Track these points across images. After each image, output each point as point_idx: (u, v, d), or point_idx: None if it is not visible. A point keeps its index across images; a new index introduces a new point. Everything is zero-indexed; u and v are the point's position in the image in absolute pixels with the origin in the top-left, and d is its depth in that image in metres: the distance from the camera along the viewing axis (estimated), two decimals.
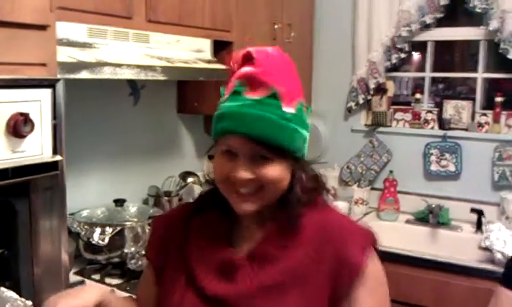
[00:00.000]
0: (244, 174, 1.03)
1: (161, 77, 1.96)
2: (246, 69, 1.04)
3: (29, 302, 1.18)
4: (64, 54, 1.60)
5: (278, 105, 1.02)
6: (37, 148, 1.26)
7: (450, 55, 3.33)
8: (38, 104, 1.26)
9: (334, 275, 1.04)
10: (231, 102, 1.04)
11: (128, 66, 1.82)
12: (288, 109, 1.03)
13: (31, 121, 1.22)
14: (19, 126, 1.20)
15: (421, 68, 3.33)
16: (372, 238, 1.09)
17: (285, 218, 1.08)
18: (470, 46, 3.22)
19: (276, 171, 1.04)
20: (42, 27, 1.36)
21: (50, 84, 1.30)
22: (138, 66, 1.86)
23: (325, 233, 1.08)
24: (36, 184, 1.32)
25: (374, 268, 1.07)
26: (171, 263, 1.15)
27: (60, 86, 1.32)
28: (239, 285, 1.05)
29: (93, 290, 1.12)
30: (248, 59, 1.05)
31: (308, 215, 1.09)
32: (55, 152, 1.30)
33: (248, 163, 1.03)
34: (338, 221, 1.13)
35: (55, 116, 1.31)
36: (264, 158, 1.03)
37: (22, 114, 1.20)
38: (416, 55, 3.31)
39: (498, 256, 2.22)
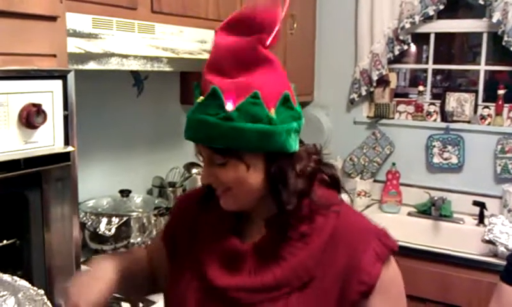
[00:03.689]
0: (203, 178, 1.02)
1: (167, 68, 1.96)
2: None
3: (41, 291, 1.18)
4: (72, 45, 1.60)
5: (218, 104, 0.92)
6: (49, 138, 1.27)
7: (448, 47, 3.33)
8: (50, 95, 1.27)
9: (344, 281, 0.98)
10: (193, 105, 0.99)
11: (135, 57, 1.82)
12: (231, 106, 0.92)
13: (43, 112, 1.23)
14: (32, 117, 1.20)
15: (419, 59, 3.33)
16: (389, 243, 1.02)
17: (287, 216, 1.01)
18: (469, 38, 3.22)
19: (230, 174, 0.97)
20: (52, 18, 1.36)
21: (61, 75, 1.30)
22: (145, 57, 1.86)
23: (338, 236, 1.01)
24: (48, 175, 1.33)
25: (389, 275, 1.01)
26: (181, 251, 1.14)
27: (71, 77, 1.32)
28: (241, 277, 1.01)
29: (104, 271, 1.09)
30: None
31: (319, 215, 1.02)
32: (66, 143, 1.31)
33: (208, 167, 1.00)
34: (352, 224, 1.05)
35: (66, 107, 1.31)
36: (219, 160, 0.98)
37: (34, 104, 1.21)
38: (413, 47, 3.30)
39: (502, 249, 2.23)
